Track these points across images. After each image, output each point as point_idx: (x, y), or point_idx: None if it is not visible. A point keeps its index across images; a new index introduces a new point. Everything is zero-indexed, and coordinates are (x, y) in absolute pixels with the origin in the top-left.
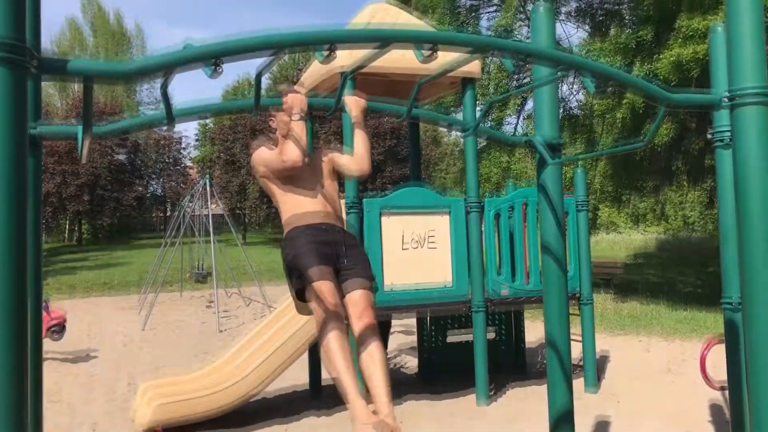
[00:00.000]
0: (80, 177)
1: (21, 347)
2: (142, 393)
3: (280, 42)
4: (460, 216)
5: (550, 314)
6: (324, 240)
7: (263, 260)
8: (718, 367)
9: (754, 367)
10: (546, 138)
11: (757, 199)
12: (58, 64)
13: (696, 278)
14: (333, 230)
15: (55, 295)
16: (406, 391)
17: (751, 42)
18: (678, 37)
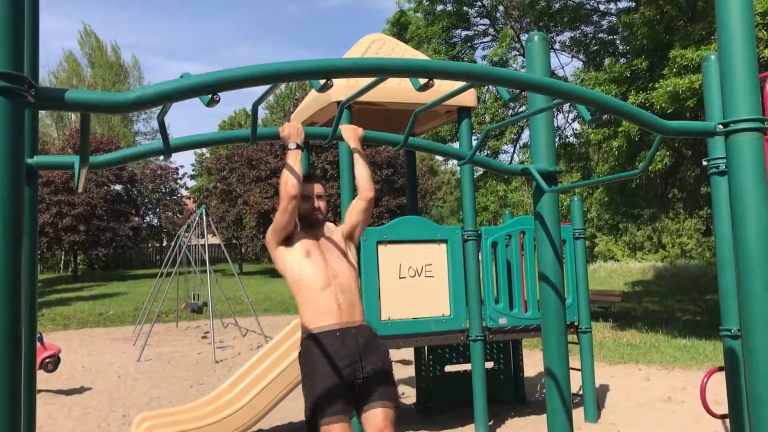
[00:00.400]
0: (76, 208)
1: (14, 379)
2: (137, 425)
3: (276, 73)
4: (457, 245)
5: (548, 343)
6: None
7: (260, 291)
8: (720, 396)
9: (755, 396)
10: (542, 167)
11: (754, 226)
12: (56, 94)
13: (695, 306)
14: (348, 335)
15: (50, 326)
16: (403, 423)
17: (744, 72)
18: (673, 67)
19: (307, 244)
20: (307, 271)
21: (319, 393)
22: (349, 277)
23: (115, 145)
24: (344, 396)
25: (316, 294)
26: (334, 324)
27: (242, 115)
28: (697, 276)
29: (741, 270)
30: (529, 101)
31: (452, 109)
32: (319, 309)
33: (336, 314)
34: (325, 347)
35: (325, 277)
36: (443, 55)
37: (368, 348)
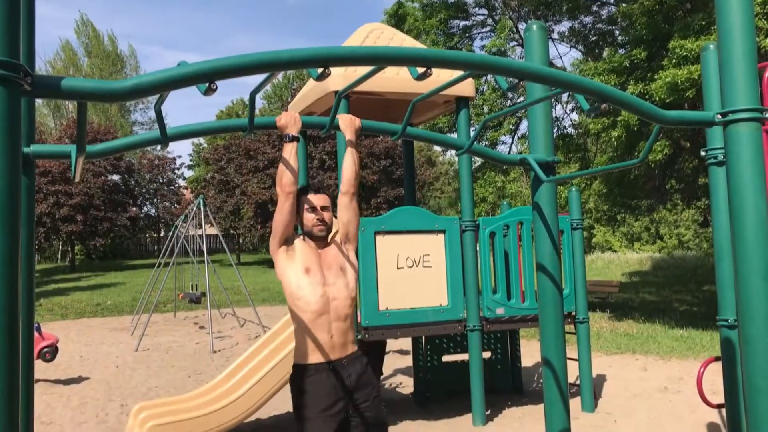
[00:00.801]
0: (74, 198)
1: (12, 369)
2: (135, 414)
3: (274, 61)
4: (455, 236)
5: (545, 334)
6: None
7: (257, 281)
8: (716, 385)
9: (751, 385)
10: (540, 157)
11: (752, 217)
12: (52, 82)
13: (692, 297)
14: (341, 368)
15: (48, 316)
16: (401, 413)
17: (743, 61)
18: (672, 58)
19: (308, 259)
20: (305, 290)
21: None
22: (346, 299)
23: (112, 135)
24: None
25: (311, 322)
26: (327, 357)
27: (240, 105)
28: (695, 267)
29: (738, 260)
30: (528, 91)
31: (450, 99)
32: (312, 341)
33: (328, 347)
34: (315, 383)
35: (322, 302)
36: (441, 46)
37: (360, 380)
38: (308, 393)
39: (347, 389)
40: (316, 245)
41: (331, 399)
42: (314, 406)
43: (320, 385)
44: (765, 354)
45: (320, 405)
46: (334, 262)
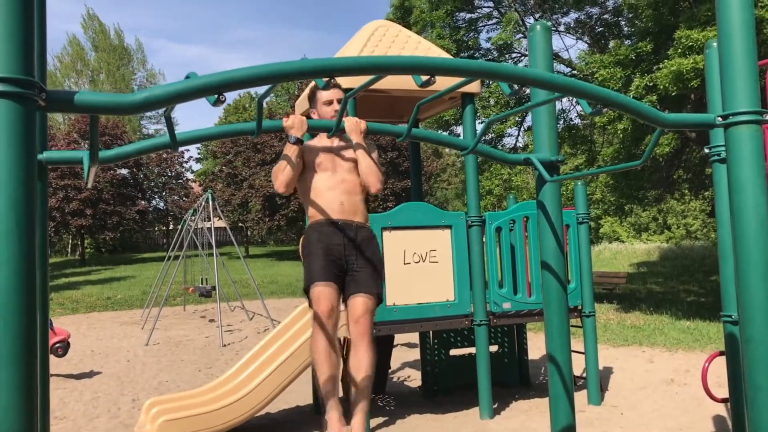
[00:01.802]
0: (83, 192)
1: (30, 364)
2: (147, 409)
3: (280, 73)
4: (461, 231)
5: (550, 329)
6: (336, 242)
7: (266, 274)
8: (722, 378)
9: (752, 383)
10: (544, 156)
11: (752, 217)
12: (65, 97)
13: (699, 287)
14: (348, 227)
15: (59, 310)
16: (409, 406)
17: (743, 64)
18: (678, 47)
19: (320, 156)
20: (316, 176)
21: (313, 264)
22: (355, 185)
23: (121, 129)
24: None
25: (321, 194)
26: (337, 217)
27: (247, 98)
28: (702, 257)
29: (739, 260)
30: (531, 92)
31: (456, 95)
32: (324, 204)
33: (338, 211)
34: (323, 231)
35: (332, 182)
36: (447, 40)
37: (364, 243)
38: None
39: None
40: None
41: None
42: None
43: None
44: (765, 353)
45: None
46: (346, 161)
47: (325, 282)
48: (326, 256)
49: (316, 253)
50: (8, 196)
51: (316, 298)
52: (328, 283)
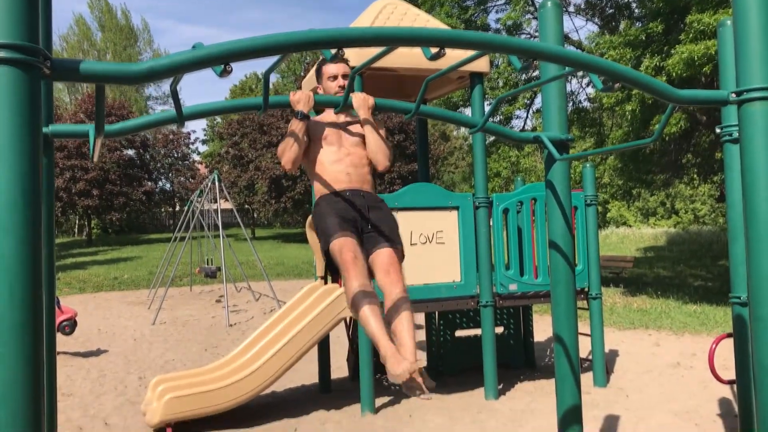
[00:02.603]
0: (89, 172)
1: (37, 342)
2: (153, 387)
3: (288, 43)
4: (468, 213)
5: (557, 311)
6: (347, 206)
7: (272, 255)
8: (729, 361)
9: (761, 364)
10: (554, 134)
11: (765, 196)
12: (71, 66)
13: (707, 272)
14: (357, 195)
15: (66, 290)
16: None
17: (759, 39)
18: (689, 33)
19: (326, 130)
20: (322, 150)
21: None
22: (362, 157)
23: (127, 110)
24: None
25: (328, 166)
26: (345, 188)
27: (253, 79)
28: (710, 242)
29: (750, 239)
30: (541, 69)
31: (465, 75)
32: (331, 177)
33: (346, 181)
34: (334, 201)
35: (338, 156)
36: (456, 19)
37: (376, 205)
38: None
39: (363, 208)
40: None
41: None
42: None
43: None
44: None
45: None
46: (353, 135)
47: (343, 234)
48: (339, 215)
49: (328, 215)
50: (13, 166)
51: (338, 249)
52: (346, 234)
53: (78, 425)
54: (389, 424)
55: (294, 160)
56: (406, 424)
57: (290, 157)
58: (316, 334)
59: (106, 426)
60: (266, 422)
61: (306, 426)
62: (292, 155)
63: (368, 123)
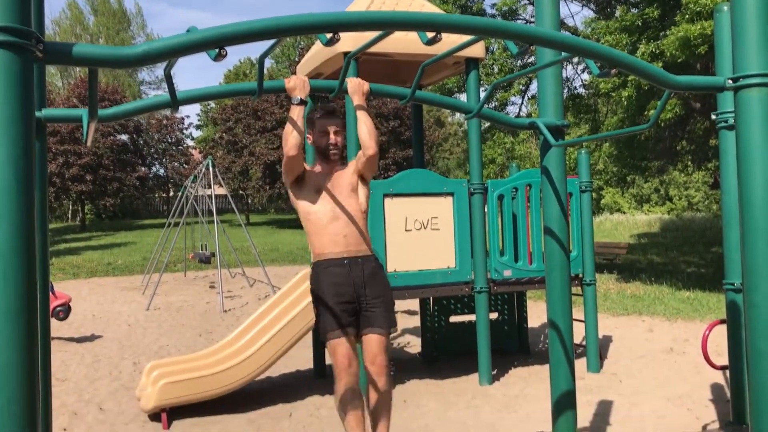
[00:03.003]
0: (83, 158)
1: (31, 327)
2: (148, 372)
3: (283, 27)
4: (463, 199)
5: (552, 296)
6: (346, 284)
7: (267, 241)
8: (721, 347)
9: (754, 348)
10: (550, 120)
11: (760, 182)
12: (63, 49)
13: (700, 259)
14: (355, 264)
15: (60, 275)
16: (409, 372)
17: (756, 26)
18: (685, 13)
19: (319, 182)
20: (316, 206)
21: (326, 315)
22: (356, 212)
23: (120, 95)
24: (348, 318)
25: (324, 226)
26: (342, 252)
27: (247, 64)
28: (703, 228)
29: (745, 225)
30: (538, 54)
31: (460, 60)
32: (327, 239)
33: (343, 244)
34: (332, 274)
35: (333, 213)
36: (451, 5)
37: (373, 278)
38: (323, 283)
39: (360, 282)
40: (328, 168)
41: (347, 285)
42: (331, 289)
43: (337, 272)
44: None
45: (336, 288)
46: (345, 186)
47: (339, 336)
48: (338, 303)
49: (327, 302)
50: (6, 150)
51: (333, 352)
52: (342, 338)
53: (73, 410)
54: None
55: (298, 145)
56: (400, 410)
57: (294, 143)
58: (310, 320)
59: (101, 411)
60: (261, 407)
61: (301, 411)
62: (295, 141)
63: (362, 108)
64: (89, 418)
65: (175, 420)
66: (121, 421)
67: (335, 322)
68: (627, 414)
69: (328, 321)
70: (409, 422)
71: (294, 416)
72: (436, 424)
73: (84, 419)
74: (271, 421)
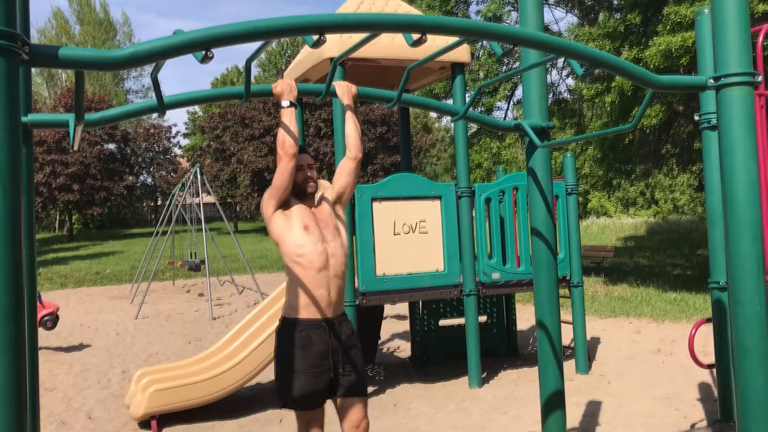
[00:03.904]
0: (70, 167)
1: (18, 336)
2: (137, 380)
3: (270, 29)
4: (451, 202)
5: (540, 297)
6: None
7: (255, 248)
8: (707, 347)
9: (740, 343)
10: (535, 122)
11: (742, 180)
12: (50, 51)
13: (686, 261)
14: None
15: (48, 285)
16: (399, 376)
17: (736, 26)
18: (666, 24)
19: (305, 217)
20: (307, 247)
21: (297, 384)
22: (342, 256)
23: (107, 103)
24: (322, 389)
25: (312, 276)
26: (324, 312)
27: (234, 72)
28: (689, 231)
29: (729, 222)
30: (522, 56)
31: (446, 65)
32: (310, 297)
33: (326, 304)
34: (309, 341)
35: (324, 258)
36: (437, 11)
37: (350, 342)
38: (300, 347)
39: (340, 347)
40: (308, 203)
41: (324, 355)
42: (306, 360)
43: (315, 340)
44: (753, 314)
45: (312, 360)
46: (330, 221)
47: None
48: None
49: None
50: None
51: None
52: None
53: (61, 419)
54: (374, 413)
55: (294, 144)
56: (391, 413)
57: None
58: None
59: (90, 420)
60: (251, 413)
61: (291, 416)
62: (292, 141)
63: (350, 110)
64: (78, 427)
65: (165, 427)
66: (110, 429)
67: (309, 394)
68: (615, 414)
69: (299, 389)
70: (400, 426)
71: (284, 422)
72: (427, 427)
73: (72, 428)
74: (261, 427)
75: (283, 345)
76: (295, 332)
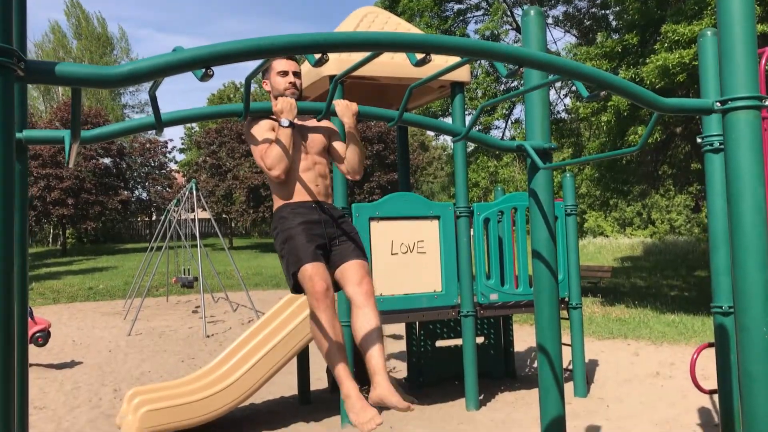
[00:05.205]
0: (64, 181)
1: (7, 353)
2: (129, 399)
3: (273, 47)
4: (449, 222)
5: (541, 320)
6: (314, 219)
7: (250, 265)
8: (708, 371)
9: (746, 372)
10: (537, 143)
11: (750, 205)
12: (46, 68)
13: (683, 282)
14: (322, 208)
15: (40, 300)
16: None
17: (743, 49)
18: (664, 42)
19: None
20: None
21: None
22: (326, 168)
23: (103, 118)
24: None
25: (295, 175)
26: (310, 200)
27: (231, 88)
28: (686, 252)
29: (736, 248)
30: (525, 77)
31: (446, 84)
32: (296, 187)
33: (314, 193)
34: (301, 213)
35: (306, 164)
36: (435, 29)
37: (341, 219)
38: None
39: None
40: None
41: (317, 223)
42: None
43: (307, 212)
44: (761, 342)
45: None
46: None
47: (314, 262)
48: (308, 233)
49: (296, 232)
50: None
51: (309, 278)
52: (317, 263)
53: None
54: None
55: (286, 168)
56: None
57: (282, 167)
58: (295, 346)
59: None
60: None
61: None
62: (284, 164)
63: (351, 130)
64: None
65: None
66: None
67: (308, 250)
68: None
69: (300, 251)
70: None
71: None
72: None
73: None
74: None
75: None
76: (287, 210)
